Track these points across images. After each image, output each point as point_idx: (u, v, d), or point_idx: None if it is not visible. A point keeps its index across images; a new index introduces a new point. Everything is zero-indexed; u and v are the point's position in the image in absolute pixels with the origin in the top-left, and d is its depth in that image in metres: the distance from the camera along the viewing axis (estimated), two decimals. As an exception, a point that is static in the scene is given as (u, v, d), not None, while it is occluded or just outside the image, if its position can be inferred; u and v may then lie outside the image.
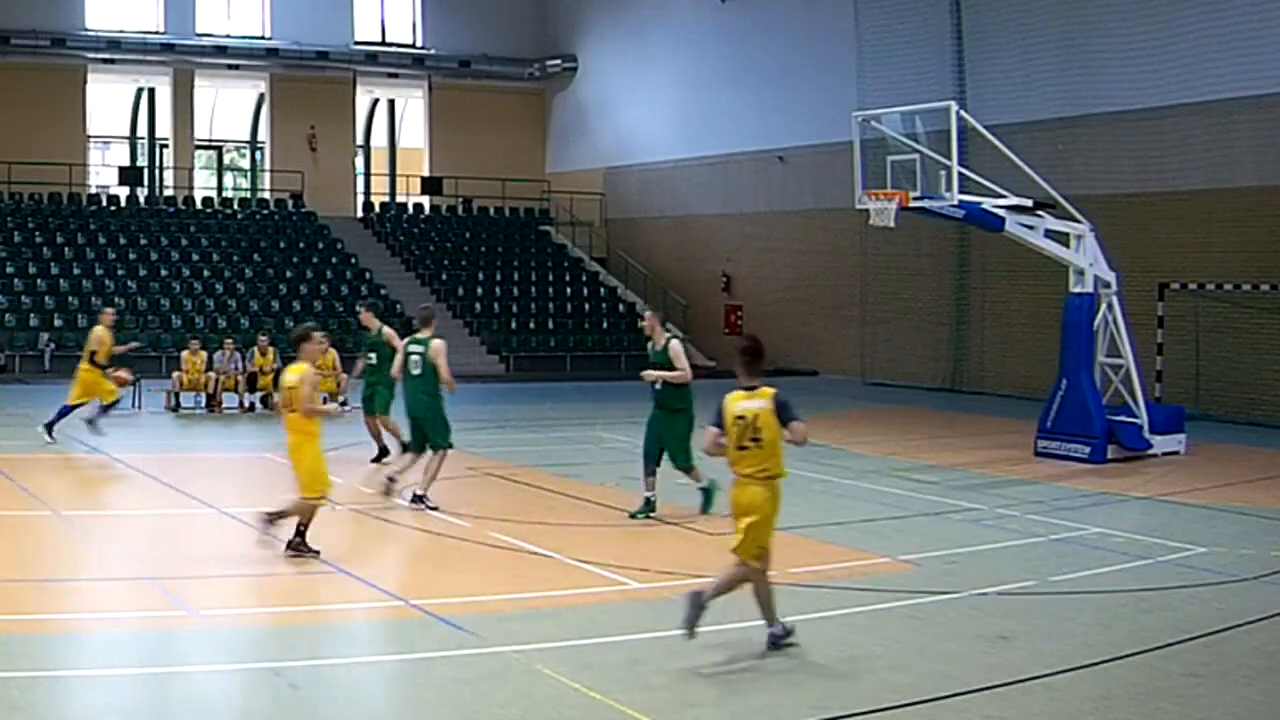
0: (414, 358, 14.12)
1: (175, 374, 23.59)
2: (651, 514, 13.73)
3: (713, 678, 8.31)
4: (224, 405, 23.33)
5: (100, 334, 19.15)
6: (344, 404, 23.63)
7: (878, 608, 10.15)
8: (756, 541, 8.69)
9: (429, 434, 14.14)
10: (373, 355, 17.73)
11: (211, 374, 23.36)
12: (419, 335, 14.33)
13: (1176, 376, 23.80)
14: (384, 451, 17.64)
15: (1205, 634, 9.46)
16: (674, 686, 8.09)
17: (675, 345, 13.98)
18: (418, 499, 13.93)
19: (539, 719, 7.54)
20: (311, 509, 11.59)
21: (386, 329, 17.78)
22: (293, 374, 11.54)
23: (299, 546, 11.43)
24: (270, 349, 24.17)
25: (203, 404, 23.42)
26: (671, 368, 13.80)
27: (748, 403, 8.71)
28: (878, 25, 30.25)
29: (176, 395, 23.32)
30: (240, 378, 23.59)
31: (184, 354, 23.96)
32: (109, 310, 20.26)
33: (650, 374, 13.94)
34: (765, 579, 8.87)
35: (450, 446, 14.32)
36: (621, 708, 7.64)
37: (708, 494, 13.78)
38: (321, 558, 11.49)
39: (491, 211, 41.54)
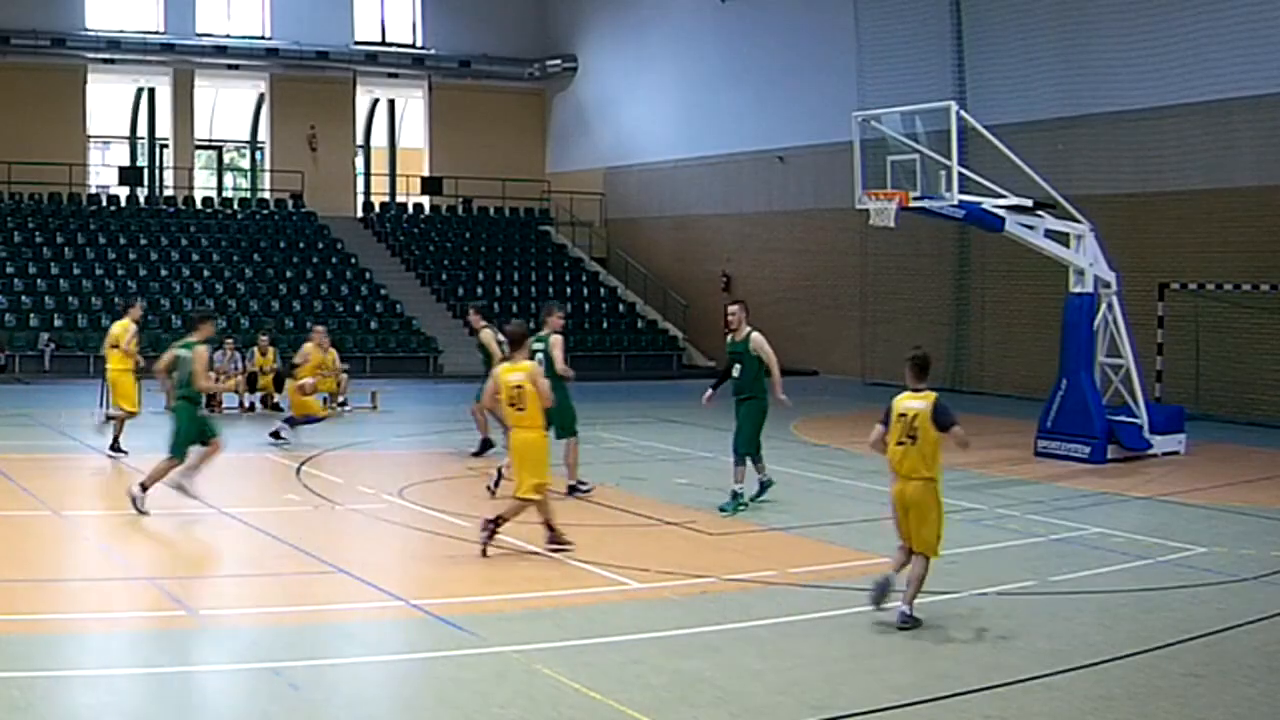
0: (538, 355, 14.54)
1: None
2: (741, 507, 14.03)
3: (712, 678, 8.31)
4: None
5: (121, 328, 18.27)
6: (343, 404, 23.75)
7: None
8: (935, 535, 9.66)
9: (556, 422, 14.26)
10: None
11: (211, 374, 23.29)
12: (540, 333, 14.99)
13: (1176, 376, 23.80)
14: (487, 445, 17.85)
15: (1205, 634, 9.46)
16: (674, 686, 8.09)
17: (757, 337, 14.36)
18: (572, 489, 14.47)
19: (539, 719, 7.54)
20: (534, 506, 11.63)
21: (485, 331, 17.90)
22: (519, 372, 11.61)
23: (556, 541, 11.63)
24: (270, 349, 24.16)
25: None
26: (751, 359, 14.26)
27: (911, 402, 9.68)
28: (878, 25, 30.26)
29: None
30: (240, 378, 23.57)
31: None
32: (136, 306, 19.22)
33: (783, 398, 14.33)
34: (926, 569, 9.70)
35: (575, 434, 15.03)
36: (621, 708, 7.63)
37: (764, 487, 14.49)
38: (321, 558, 11.50)
39: (491, 211, 41.55)
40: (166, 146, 40.04)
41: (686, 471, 16.87)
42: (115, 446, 17.50)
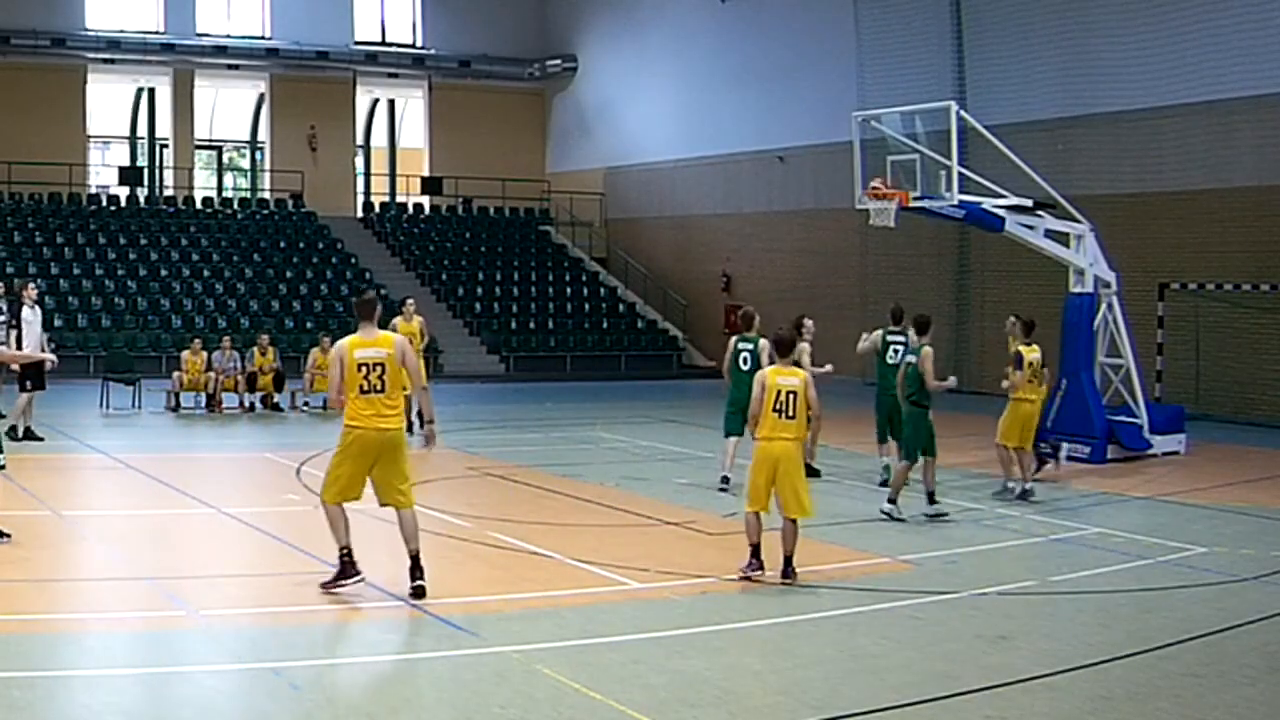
0: (743, 355, 15.57)
1: (175, 374, 23.54)
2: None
3: (712, 678, 8.31)
4: (224, 405, 23.30)
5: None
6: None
7: (878, 608, 10.14)
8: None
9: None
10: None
11: (211, 374, 23.32)
12: (747, 334, 15.71)
13: (1176, 376, 23.80)
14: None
15: (1205, 634, 9.46)
16: (674, 686, 8.09)
17: (764, 343, 14.75)
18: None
19: (539, 719, 7.54)
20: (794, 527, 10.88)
21: (764, 339, 18.13)
22: (793, 377, 10.77)
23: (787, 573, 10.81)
24: (270, 349, 24.16)
25: (203, 404, 23.37)
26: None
27: (1037, 354, 11.06)
28: (878, 25, 30.25)
29: (177, 395, 23.28)
30: (240, 378, 23.56)
31: (185, 354, 23.87)
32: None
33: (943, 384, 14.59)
34: None
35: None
36: (621, 708, 7.63)
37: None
38: (321, 558, 11.49)
39: (491, 211, 41.54)
40: (166, 146, 40.03)
41: (686, 471, 16.87)
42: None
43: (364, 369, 9.85)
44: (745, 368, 15.24)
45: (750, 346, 15.35)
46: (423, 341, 21.10)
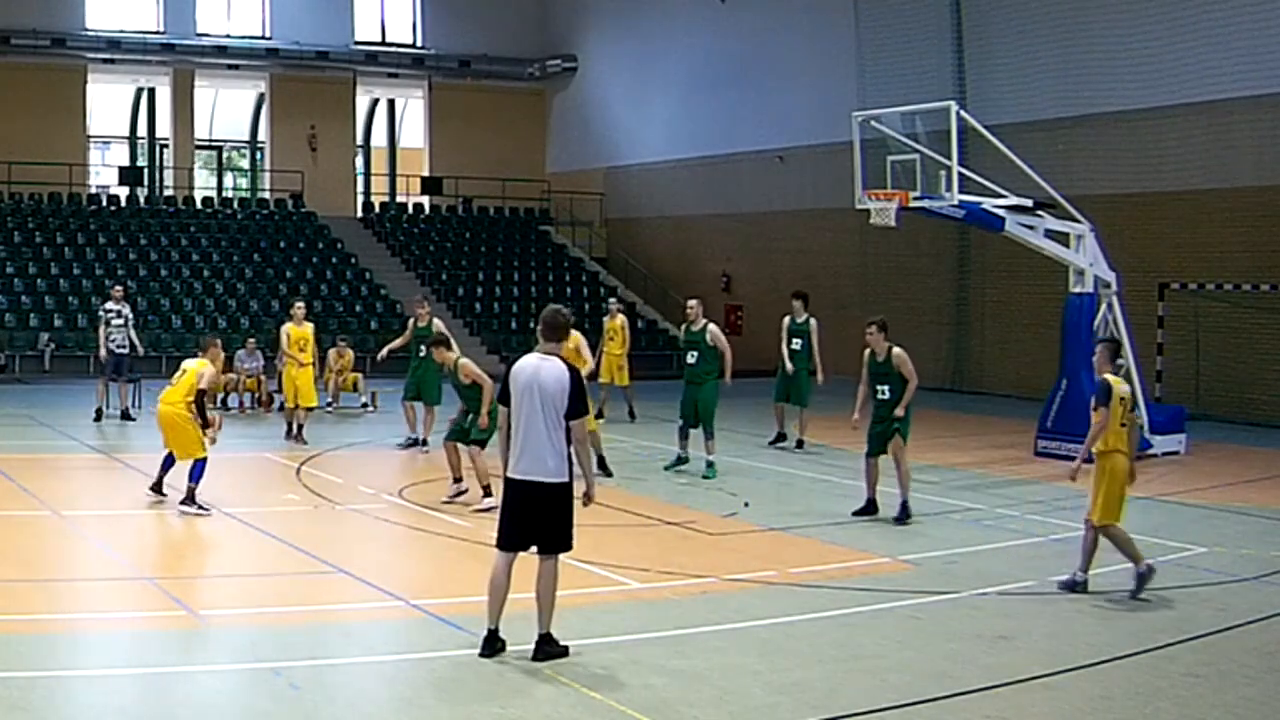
0: (796, 340, 19.21)
1: None
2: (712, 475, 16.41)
3: (713, 677, 8.31)
4: (246, 407, 23.30)
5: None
6: (364, 405, 23.86)
7: (878, 608, 10.15)
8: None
9: (794, 397, 19.32)
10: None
11: (232, 374, 23.31)
12: (798, 319, 19.46)
13: (1176, 376, 23.78)
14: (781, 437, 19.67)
15: (1205, 634, 9.47)
16: (674, 686, 8.09)
17: (713, 328, 16.93)
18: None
19: (539, 719, 7.54)
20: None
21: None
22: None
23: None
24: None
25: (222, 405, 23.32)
26: (708, 348, 16.82)
27: (1127, 387, 10.71)
28: (878, 25, 30.24)
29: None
30: (262, 377, 23.54)
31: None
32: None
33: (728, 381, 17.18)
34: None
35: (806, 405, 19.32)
36: (621, 708, 7.64)
37: (698, 465, 16.49)
38: (321, 558, 11.50)
39: (491, 211, 41.54)
40: (166, 146, 40.02)
41: (686, 471, 16.86)
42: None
43: None
44: (796, 348, 19.32)
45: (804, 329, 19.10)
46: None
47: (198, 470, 13.36)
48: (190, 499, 13.25)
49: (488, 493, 13.50)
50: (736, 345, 19.14)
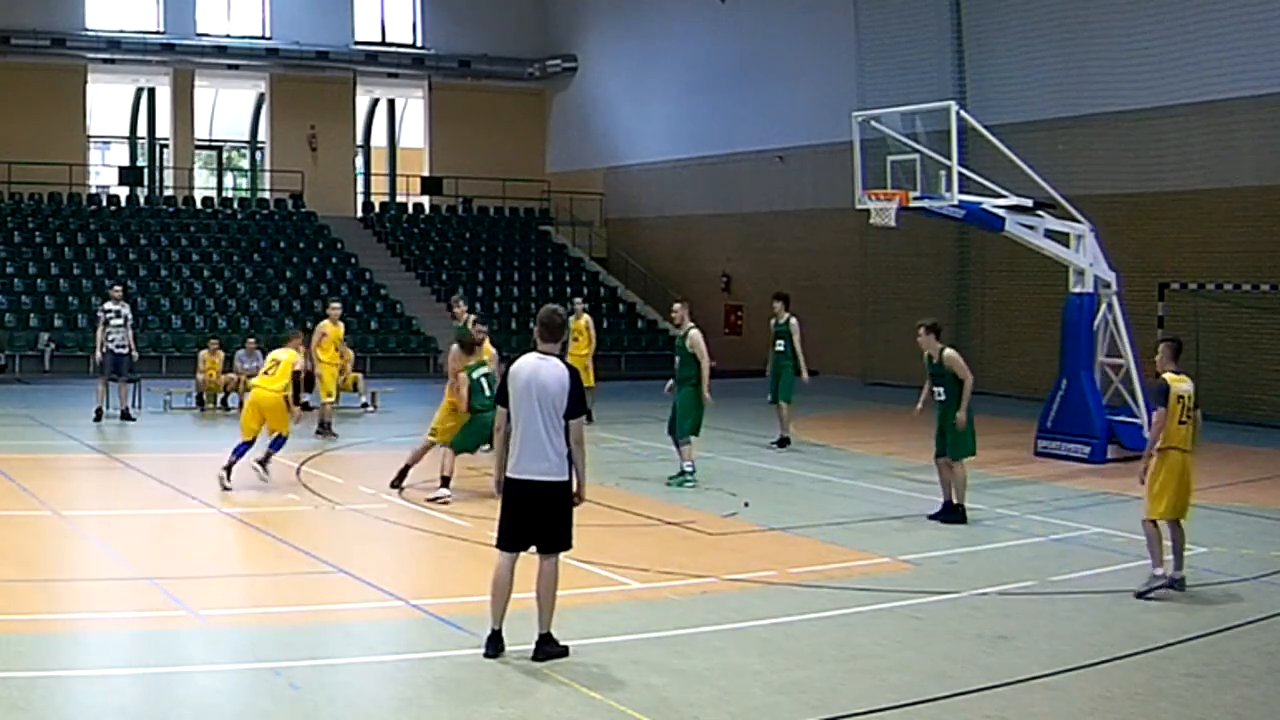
0: (780, 341, 19.18)
1: (199, 375, 23.58)
2: (690, 484, 15.79)
3: (712, 677, 8.31)
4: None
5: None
6: (364, 405, 23.85)
7: (878, 608, 10.15)
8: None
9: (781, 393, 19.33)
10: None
11: (231, 374, 23.31)
12: (779, 320, 19.44)
13: (1176, 376, 23.75)
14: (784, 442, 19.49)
15: (1205, 634, 9.46)
16: (674, 686, 8.09)
17: (695, 334, 16.33)
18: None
19: (539, 719, 7.55)
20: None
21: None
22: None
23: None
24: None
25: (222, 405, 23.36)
26: (686, 353, 16.22)
27: (1188, 385, 10.82)
28: (878, 25, 30.24)
29: (200, 396, 23.34)
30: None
31: (202, 354, 23.86)
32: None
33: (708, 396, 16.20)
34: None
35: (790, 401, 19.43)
36: (621, 708, 7.64)
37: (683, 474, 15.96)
38: (321, 558, 11.50)
39: (491, 211, 41.54)
40: (166, 146, 40.02)
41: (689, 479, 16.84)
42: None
43: None
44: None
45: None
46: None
47: (280, 442, 15.22)
48: (265, 461, 15.04)
49: (444, 484, 14.35)
50: (736, 345, 19.17)
